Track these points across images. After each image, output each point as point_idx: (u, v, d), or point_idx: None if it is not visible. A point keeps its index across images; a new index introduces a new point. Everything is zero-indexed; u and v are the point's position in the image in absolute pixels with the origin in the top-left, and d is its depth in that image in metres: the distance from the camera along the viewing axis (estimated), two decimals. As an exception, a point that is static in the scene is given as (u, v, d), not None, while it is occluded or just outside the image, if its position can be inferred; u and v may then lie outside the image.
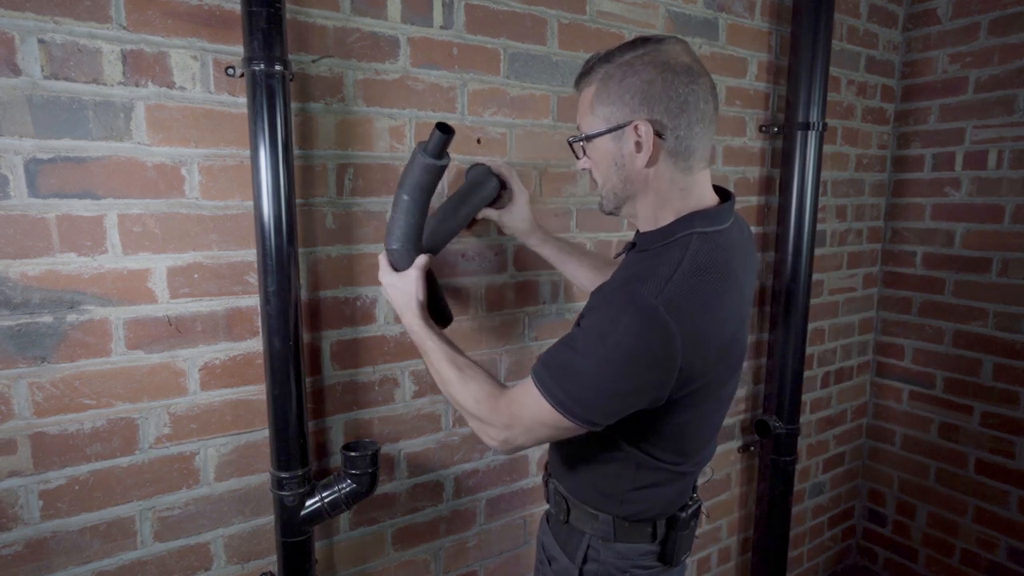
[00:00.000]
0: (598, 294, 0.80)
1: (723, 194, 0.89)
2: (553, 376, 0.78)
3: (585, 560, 0.96)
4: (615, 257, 0.91)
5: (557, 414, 0.77)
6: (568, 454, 0.97)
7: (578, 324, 0.81)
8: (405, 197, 0.97)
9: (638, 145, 0.79)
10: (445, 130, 0.94)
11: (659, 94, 0.77)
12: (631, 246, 0.90)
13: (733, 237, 0.85)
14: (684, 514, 0.96)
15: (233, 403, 1.06)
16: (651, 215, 0.85)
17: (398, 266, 1.01)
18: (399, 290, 0.99)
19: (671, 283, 0.74)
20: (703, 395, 0.82)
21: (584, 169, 0.89)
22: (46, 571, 0.95)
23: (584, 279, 1.22)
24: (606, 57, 0.81)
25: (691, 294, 0.75)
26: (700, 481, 1.11)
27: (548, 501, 1.05)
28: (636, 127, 0.78)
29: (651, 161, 0.80)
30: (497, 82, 1.25)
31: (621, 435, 0.87)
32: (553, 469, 1.03)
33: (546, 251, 1.24)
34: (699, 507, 1.00)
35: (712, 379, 0.82)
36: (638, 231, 0.89)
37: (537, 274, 1.37)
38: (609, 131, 0.81)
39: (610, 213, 0.90)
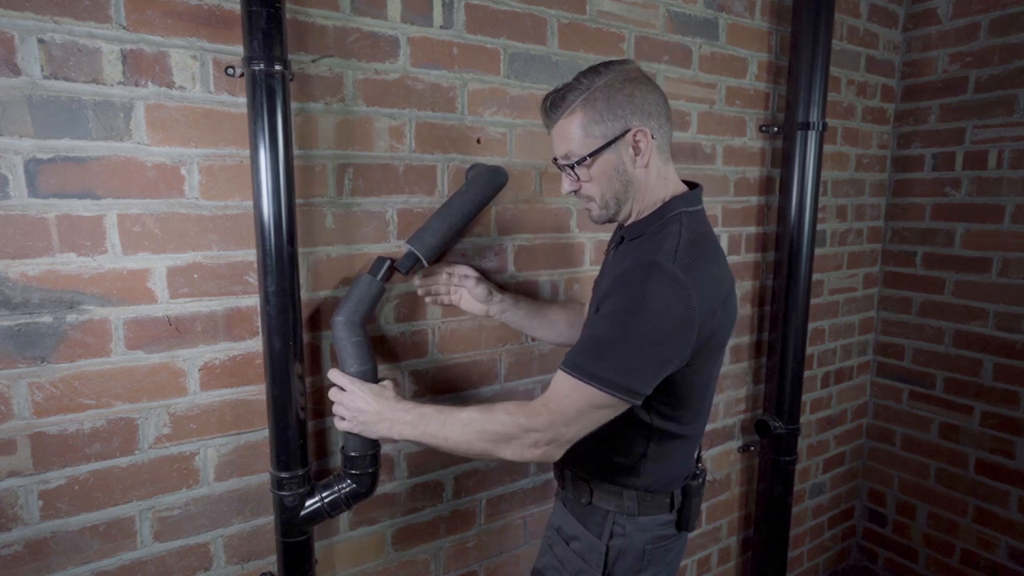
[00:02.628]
0: (613, 281, 0.87)
1: (689, 185, 1.01)
2: (590, 361, 0.83)
3: (612, 536, 1.02)
4: (605, 253, 0.99)
5: (604, 395, 0.83)
6: (583, 438, 0.99)
7: (596, 313, 0.88)
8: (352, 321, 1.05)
9: (636, 148, 0.92)
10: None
11: (641, 102, 0.91)
12: (619, 240, 1.01)
13: (705, 217, 0.99)
14: (695, 482, 1.06)
15: (233, 403, 1.06)
16: (641, 208, 0.97)
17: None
18: (378, 395, 0.99)
19: (679, 251, 0.86)
20: (710, 352, 0.93)
21: (571, 191, 0.97)
22: (46, 571, 0.95)
23: (560, 337, 1.27)
24: (575, 86, 0.92)
25: (695, 260, 0.86)
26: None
27: (563, 488, 1.10)
28: (635, 133, 0.91)
29: (648, 159, 0.93)
30: (497, 82, 1.25)
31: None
32: (568, 456, 1.02)
33: (517, 316, 1.23)
34: (705, 473, 1.10)
35: (718, 336, 0.92)
36: (622, 225, 1.01)
37: (537, 274, 1.37)
38: (608, 144, 0.91)
39: (606, 221, 0.99)
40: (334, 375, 1.03)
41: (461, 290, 1.20)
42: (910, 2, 2.05)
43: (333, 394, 1.02)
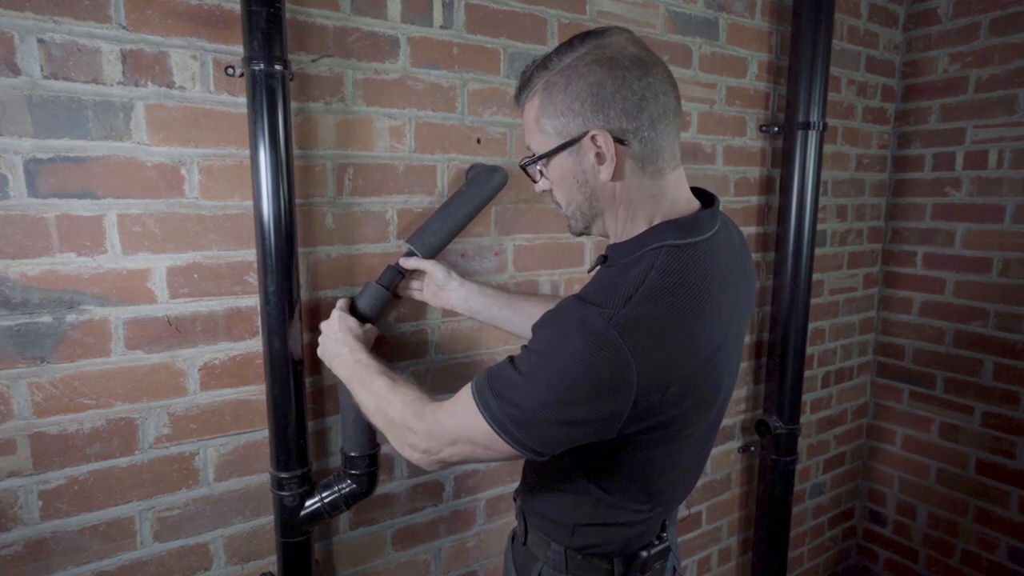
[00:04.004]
0: (550, 312, 0.72)
1: (707, 198, 0.80)
2: (493, 390, 0.70)
3: None
4: (589, 271, 0.87)
5: (492, 432, 0.69)
6: (532, 474, 0.92)
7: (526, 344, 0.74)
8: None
9: (599, 156, 0.71)
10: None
11: (611, 96, 0.69)
12: (602, 259, 0.82)
13: (717, 247, 0.75)
14: (646, 553, 0.86)
15: (233, 403, 1.06)
16: (622, 228, 0.78)
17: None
18: (340, 327, 0.99)
19: (629, 305, 0.66)
20: (666, 434, 0.73)
21: (544, 191, 0.82)
22: (46, 571, 0.95)
23: None
24: (544, 64, 0.73)
25: (652, 318, 0.66)
26: (681, 515, 1.03)
27: (516, 517, 1.00)
28: (594, 138, 0.70)
29: (617, 172, 0.72)
30: (497, 82, 1.25)
31: (579, 468, 0.80)
32: (520, 487, 0.98)
33: (484, 304, 1.09)
34: (667, 548, 0.89)
35: (676, 416, 0.71)
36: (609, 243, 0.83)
37: (537, 274, 1.37)
38: (564, 147, 0.73)
39: (580, 234, 0.83)
40: (338, 303, 1.04)
41: (425, 280, 1.11)
42: (910, 2, 2.05)
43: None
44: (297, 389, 1.02)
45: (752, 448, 1.92)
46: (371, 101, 1.11)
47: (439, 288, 1.10)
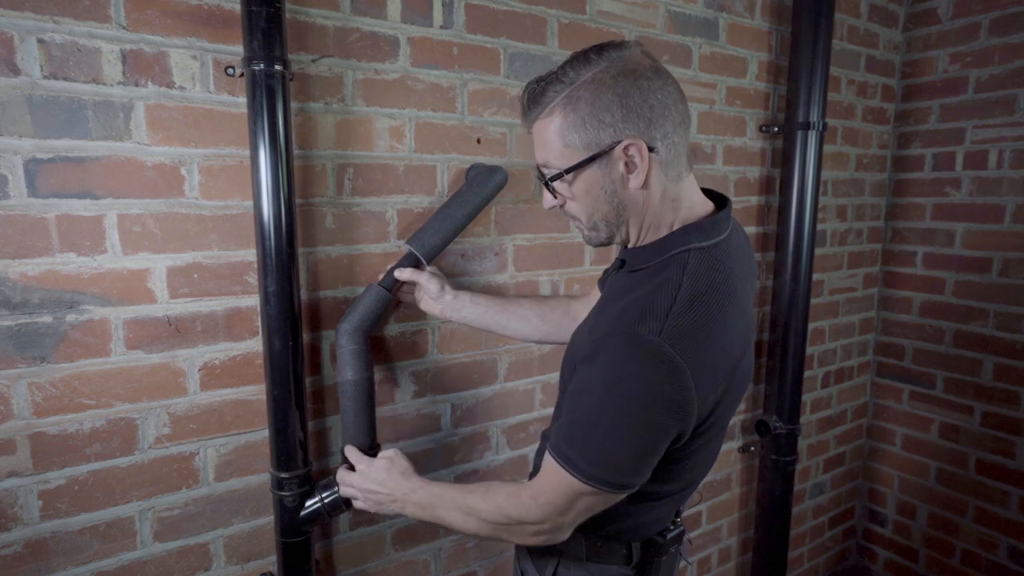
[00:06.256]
0: (593, 343, 0.72)
1: (719, 199, 0.83)
2: (575, 449, 0.71)
3: None
4: (603, 275, 0.85)
5: (590, 488, 0.71)
6: None
7: (572, 376, 0.75)
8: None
9: (629, 166, 0.73)
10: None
11: (639, 105, 0.71)
12: (620, 263, 0.83)
13: (732, 247, 0.79)
14: (663, 539, 0.90)
15: (233, 403, 1.06)
16: (644, 233, 0.80)
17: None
18: (389, 472, 0.94)
19: (671, 315, 0.68)
20: (708, 427, 0.77)
21: (552, 207, 0.82)
22: (45, 571, 0.95)
23: (535, 333, 1.13)
24: (558, 78, 0.73)
25: (694, 325, 0.68)
26: (693, 501, 1.05)
27: None
28: (626, 147, 0.72)
29: (646, 180, 0.74)
30: (497, 82, 1.25)
31: None
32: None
33: (477, 313, 1.11)
34: (682, 532, 0.93)
35: (721, 410, 0.76)
36: (626, 246, 0.83)
37: (537, 274, 1.37)
38: (592, 159, 0.73)
39: (600, 245, 0.82)
40: (350, 452, 1.02)
41: (419, 287, 1.11)
42: (910, 2, 2.05)
43: (344, 473, 1.00)
44: (297, 389, 1.02)
45: (752, 448, 1.92)
46: (371, 101, 1.11)
47: (432, 300, 1.11)
